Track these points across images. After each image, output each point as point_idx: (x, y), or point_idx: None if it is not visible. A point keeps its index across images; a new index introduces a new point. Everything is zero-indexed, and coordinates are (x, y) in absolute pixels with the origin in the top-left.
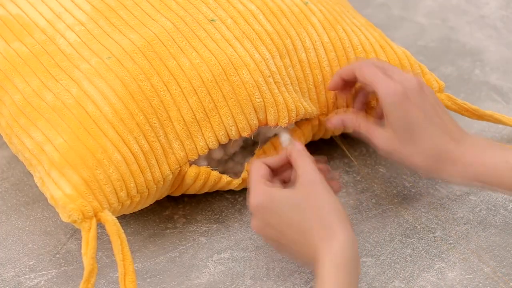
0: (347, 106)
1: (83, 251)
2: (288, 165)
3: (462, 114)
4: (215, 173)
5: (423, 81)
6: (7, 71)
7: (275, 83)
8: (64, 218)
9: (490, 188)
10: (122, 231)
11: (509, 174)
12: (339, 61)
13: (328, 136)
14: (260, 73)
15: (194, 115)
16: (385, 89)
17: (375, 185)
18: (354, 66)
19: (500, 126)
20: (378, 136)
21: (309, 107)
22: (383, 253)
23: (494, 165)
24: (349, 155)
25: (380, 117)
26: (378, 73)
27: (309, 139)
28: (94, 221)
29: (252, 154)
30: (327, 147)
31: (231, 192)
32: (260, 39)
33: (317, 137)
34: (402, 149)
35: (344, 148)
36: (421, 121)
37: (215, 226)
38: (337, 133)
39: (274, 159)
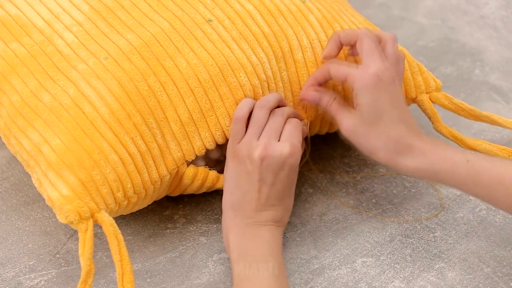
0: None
1: (80, 251)
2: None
3: (459, 114)
4: (213, 173)
5: (401, 69)
6: (5, 72)
7: (269, 89)
8: (61, 219)
9: (441, 182)
10: (119, 231)
11: (467, 171)
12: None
13: (323, 132)
14: (257, 77)
15: (191, 115)
16: (359, 75)
17: (375, 185)
18: (323, 70)
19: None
20: (345, 117)
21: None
22: (383, 253)
23: (453, 161)
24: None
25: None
26: (348, 64)
27: None
28: (90, 222)
29: None
30: (326, 147)
31: None
32: (257, 41)
33: (312, 133)
34: (366, 132)
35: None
36: (389, 108)
37: (215, 226)
38: (333, 129)
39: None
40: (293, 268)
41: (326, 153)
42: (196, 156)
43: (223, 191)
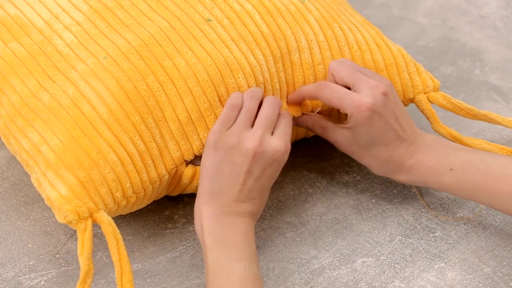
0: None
1: (79, 251)
2: None
3: (457, 113)
4: None
5: (388, 83)
6: (5, 72)
7: (265, 91)
8: (60, 219)
9: (431, 188)
10: (118, 231)
11: (450, 180)
12: (333, 60)
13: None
14: (254, 79)
15: (189, 115)
16: (353, 108)
17: (375, 185)
18: (316, 90)
19: (500, 126)
20: (336, 135)
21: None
22: (383, 253)
23: (437, 172)
24: None
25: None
26: (342, 92)
27: (292, 138)
28: (89, 222)
29: None
30: (326, 147)
31: None
32: (255, 42)
33: (311, 133)
34: (359, 152)
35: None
36: (382, 132)
37: None
38: None
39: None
40: (293, 268)
41: (326, 153)
42: (195, 155)
43: (200, 177)
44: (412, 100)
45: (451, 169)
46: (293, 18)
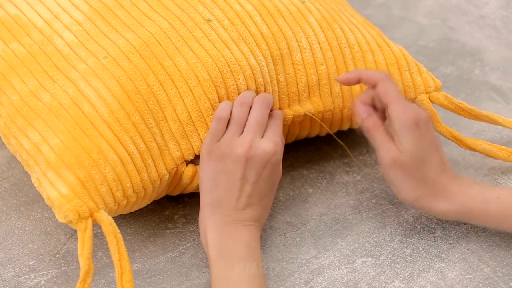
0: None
1: (79, 251)
2: None
3: (459, 114)
4: None
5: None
6: (5, 72)
7: (265, 91)
8: (60, 218)
9: (473, 221)
10: (118, 231)
11: (498, 207)
12: (335, 60)
13: (324, 134)
14: (254, 81)
15: (190, 114)
16: (400, 111)
17: (375, 185)
18: (378, 77)
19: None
20: (388, 151)
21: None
22: (383, 253)
23: (484, 198)
24: (350, 155)
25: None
26: (397, 95)
27: (293, 138)
28: (90, 222)
29: None
30: (327, 147)
31: None
32: (256, 43)
33: (313, 134)
34: (405, 174)
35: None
36: (430, 153)
37: None
38: (334, 130)
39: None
40: (293, 268)
41: (326, 153)
42: (195, 155)
43: (200, 191)
44: (413, 100)
45: (498, 197)
46: (293, 18)
